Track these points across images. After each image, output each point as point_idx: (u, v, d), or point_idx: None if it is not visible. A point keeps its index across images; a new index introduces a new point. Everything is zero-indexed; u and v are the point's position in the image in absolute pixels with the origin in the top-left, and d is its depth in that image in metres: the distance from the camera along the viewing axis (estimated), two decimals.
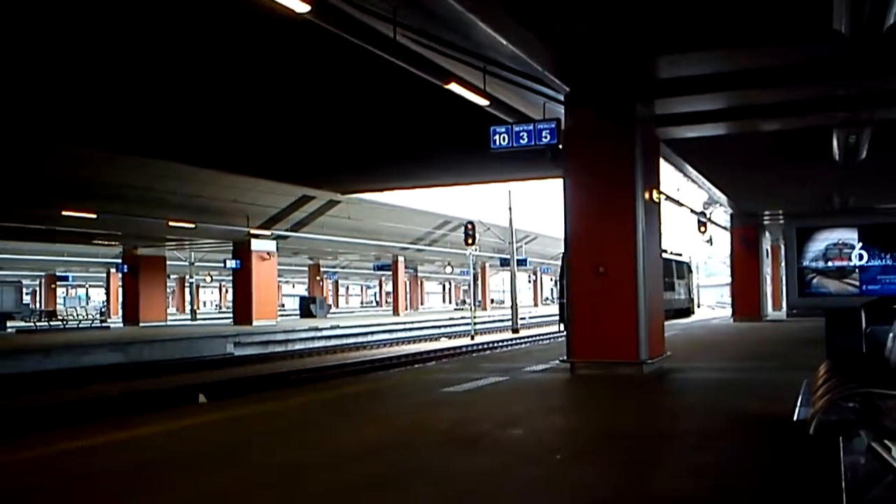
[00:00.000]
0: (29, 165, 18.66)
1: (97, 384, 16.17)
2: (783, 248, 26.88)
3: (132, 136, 16.06)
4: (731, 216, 25.08)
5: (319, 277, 54.63)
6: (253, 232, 28.39)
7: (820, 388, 2.91)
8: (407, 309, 51.47)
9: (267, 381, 15.90)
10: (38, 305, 57.40)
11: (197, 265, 45.29)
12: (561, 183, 9.97)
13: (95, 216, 22.14)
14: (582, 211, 9.63)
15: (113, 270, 44.46)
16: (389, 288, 62.36)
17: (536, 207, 76.89)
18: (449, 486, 4.19)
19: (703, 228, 25.21)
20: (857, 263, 5.31)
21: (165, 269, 39.03)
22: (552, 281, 63.95)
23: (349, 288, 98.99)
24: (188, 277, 50.40)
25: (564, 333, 10.24)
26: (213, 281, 61.73)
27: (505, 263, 36.40)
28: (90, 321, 39.03)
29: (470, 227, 26.91)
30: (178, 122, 15.03)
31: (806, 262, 5.44)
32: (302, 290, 70.75)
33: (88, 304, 67.49)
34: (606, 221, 9.46)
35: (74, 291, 72.61)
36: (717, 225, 27.31)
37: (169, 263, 39.57)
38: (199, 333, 25.77)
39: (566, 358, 9.62)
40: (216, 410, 7.78)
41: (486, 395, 8.03)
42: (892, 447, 2.23)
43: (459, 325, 36.13)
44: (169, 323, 36.77)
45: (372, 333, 30.82)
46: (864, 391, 2.46)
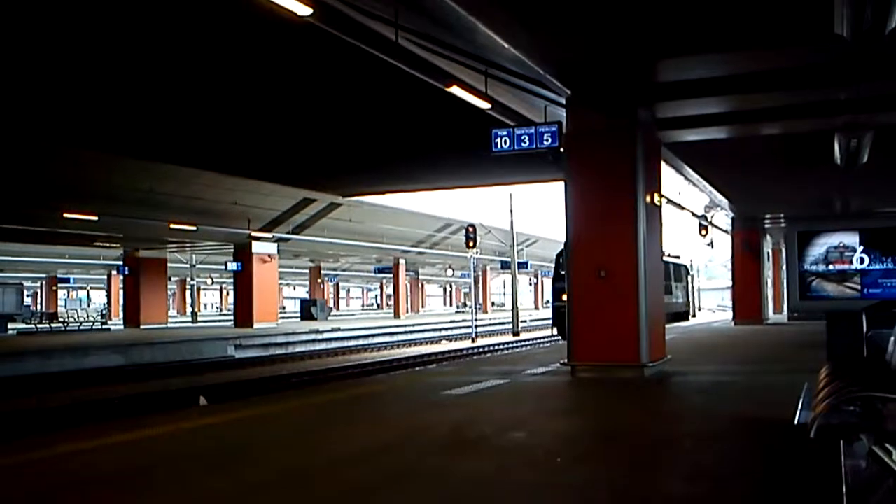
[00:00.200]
0: (31, 167, 18.68)
1: (98, 386, 16.17)
2: (784, 251, 26.95)
3: (134, 138, 16.08)
4: (732, 219, 25.07)
5: (320, 280, 54.71)
6: (254, 234, 28.38)
7: (821, 391, 2.91)
8: (408, 312, 51.48)
9: (268, 383, 15.89)
10: (39, 307, 57.40)
11: (198, 267, 45.31)
12: (562, 186, 9.98)
13: (97, 218, 22.14)
14: (583, 214, 9.64)
15: (114, 272, 44.47)
16: (390, 291, 62.35)
17: (538, 210, 76.96)
18: (448, 489, 4.18)
19: (704, 232, 25.24)
20: (858, 267, 5.31)
21: (166, 271, 39.03)
22: None
23: (350, 290, 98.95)
24: (189, 280, 50.42)
25: (559, 337, 10.24)
26: (213, 283, 61.77)
27: (506, 266, 36.42)
28: (91, 323, 39.01)
29: (471, 229, 26.90)
30: (179, 124, 15.05)
31: (807, 265, 5.45)
32: (303, 292, 70.82)
33: (89, 306, 67.47)
34: (608, 224, 9.47)
35: (75, 293, 72.61)
36: (718, 228, 27.31)
37: (170, 266, 39.56)
38: (199, 336, 25.75)
39: (567, 361, 9.62)
40: (217, 413, 7.77)
41: (486, 398, 8.03)
42: (893, 451, 2.23)
43: (460, 328, 36.13)
44: (170, 325, 36.77)
45: (373, 336, 30.79)
46: (865, 395, 2.47)
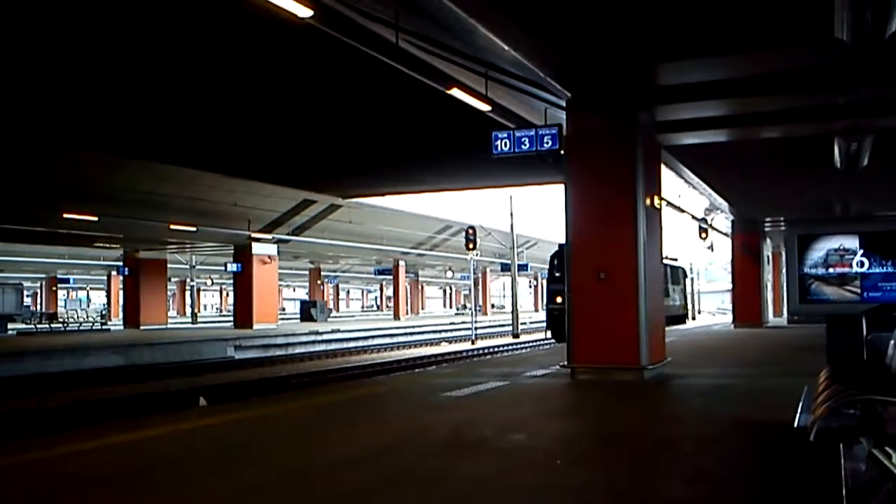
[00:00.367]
0: (31, 168, 18.69)
1: (98, 387, 16.17)
2: (784, 254, 26.92)
3: (134, 139, 16.11)
4: (732, 222, 25.09)
5: (320, 281, 54.71)
6: (254, 235, 28.39)
7: (821, 394, 2.91)
8: (407, 313, 51.49)
9: (267, 384, 15.89)
10: (38, 308, 57.37)
11: (198, 268, 45.31)
12: (562, 188, 9.99)
13: (97, 219, 22.15)
14: (583, 216, 9.64)
15: (114, 273, 44.48)
16: (390, 292, 62.34)
17: (538, 213, 76.90)
18: (448, 491, 4.18)
19: (704, 234, 25.25)
20: (858, 270, 5.32)
21: (166, 272, 39.06)
22: None
23: (350, 292, 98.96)
24: (189, 280, 50.42)
25: (553, 341, 10.23)
26: (213, 284, 61.77)
27: (506, 268, 36.45)
28: (91, 324, 39.01)
29: (471, 231, 26.91)
30: (180, 125, 15.06)
31: (807, 268, 5.45)
32: (303, 293, 70.80)
33: (89, 306, 67.44)
34: (608, 227, 9.47)
35: (75, 294, 72.57)
36: (718, 231, 27.32)
37: (170, 266, 39.59)
38: (199, 337, 25.76)
39: (567, 363, 9.62)
40: (216, 414, 7.77)
41: (486, 400, 8.02)
42: (892, 454, 2.23)
43: (460, 329, 36.14)
44: (169, 326, 36.77)
45: (372, 338, 30.80)
46: (864, 398, 2.47)
